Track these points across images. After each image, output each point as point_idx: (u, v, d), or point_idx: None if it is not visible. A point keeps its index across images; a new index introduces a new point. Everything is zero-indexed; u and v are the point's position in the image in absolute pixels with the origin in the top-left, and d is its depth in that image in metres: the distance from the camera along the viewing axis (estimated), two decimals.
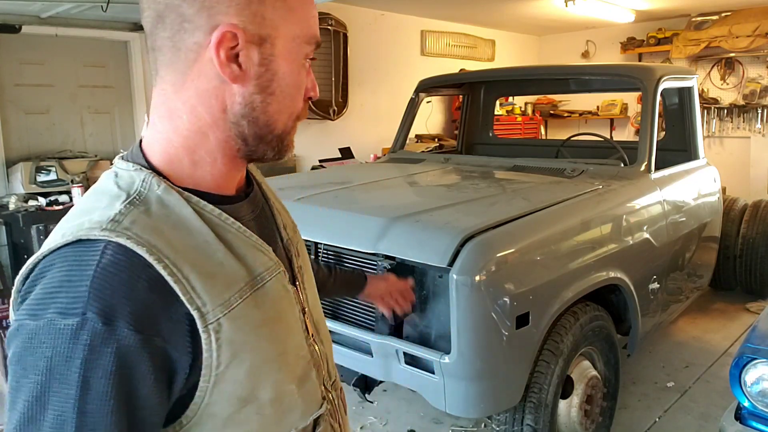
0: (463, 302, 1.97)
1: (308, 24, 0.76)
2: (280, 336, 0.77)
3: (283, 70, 0.74)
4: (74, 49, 4.58)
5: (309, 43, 0.76)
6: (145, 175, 0.71)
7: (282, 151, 0.80)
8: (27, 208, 3.88)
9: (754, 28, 6.45)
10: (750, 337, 2.00)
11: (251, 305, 0.72)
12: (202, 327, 0.66)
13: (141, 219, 0.67)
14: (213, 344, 0.67)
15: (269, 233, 0.85)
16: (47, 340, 0.60)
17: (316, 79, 0.80)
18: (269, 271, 0.76)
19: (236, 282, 0.71)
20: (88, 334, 0.60)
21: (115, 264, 0.63)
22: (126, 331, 0.61)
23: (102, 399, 0.60)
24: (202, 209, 0.72)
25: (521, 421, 2.23)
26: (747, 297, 4.36)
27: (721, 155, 6.97)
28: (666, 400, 3.12)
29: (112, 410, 0.61)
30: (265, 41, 0.71)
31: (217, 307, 0.67)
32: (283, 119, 0.77)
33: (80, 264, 0.63)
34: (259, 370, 0.72)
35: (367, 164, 4.88)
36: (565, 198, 2.52)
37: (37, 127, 4.48)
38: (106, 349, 0.60)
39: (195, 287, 0.66)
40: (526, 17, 6.99)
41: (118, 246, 0.63)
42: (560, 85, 4.44)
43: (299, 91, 0.77)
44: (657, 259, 2.89)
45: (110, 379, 0.60)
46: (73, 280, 0.62)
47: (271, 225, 0.88)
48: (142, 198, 0.69)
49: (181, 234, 0.68)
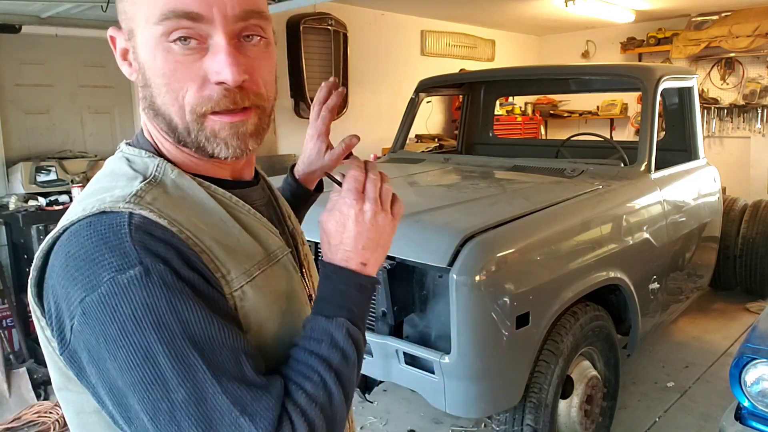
0: (463, 302, 1.97)
1: (155, 2, 0.66)
2: (297, 312, 0.79)
3: (145, 58, 0.69)
4: (74, 49, 4.58)
5: (161, 21, 0.66)
6: (159, 161, 0.73)
7: (201, 148, 0.72)
8: (27, 208, 3.87)
9: (754, 28, 6.44)
10: (750, 337, 2.00)
11: (271, 277, 0.75)
12: (227, 293, 0.69)
13: (161, 197, 0.69)
14: (240, 311, 0.70)
15: (276, 221, 0.87)
16: (119, 300, 0.60)
17: (317, 78, 0.77)
18: (281, 249, 0.80)
19: (254, 255, 0.74)
20: (157, 275, 0.61)
21: (143, 225, 0.64)
22: (184, 269, 0.63)
23: (205, 321, 0.62)
24: (214, 192, 0.75)
25: (521, 421, 2.23)
26: (747, 297, 4.36)
27: (721, 155, 6.97)
28: (666, 400, 3.12)
29: (220, 326, 0.63)
30: (132, 35, 0.70)
31: (241, 275, 0.70)
32: (174, 111, 0.70)
33: (112, 228, 0.63)
34: (280, 342, 0.75)
35: None
36: (565, 198, 2.52)
37: (37, 127, 4.47)
38: (179, 283, 0.62)
39: (218, 256, 0.69)
40: (526, 17, 6.98)
41: (141, 215, 0.65)
42: (560, 85, 4.44)
43: (171, 79, 0.68)
44: (657, 259, 2.88)
45: (197, 304, 0.62)
46: (111, 241, 0.62)
47: (278, 213, 0.90)
48: (158, 181, 0.71)
49: (199, 212, 0.71)
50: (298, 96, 5.76)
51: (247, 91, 0.71)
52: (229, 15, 0.67)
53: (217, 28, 0.67)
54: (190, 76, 0.68)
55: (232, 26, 0.68)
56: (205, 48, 0.68)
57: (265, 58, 0.73)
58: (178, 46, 0.67)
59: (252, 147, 0.74)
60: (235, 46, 0.69)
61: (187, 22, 0.66)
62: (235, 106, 0.70)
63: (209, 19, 0.67)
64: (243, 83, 0.69)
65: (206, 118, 0.70)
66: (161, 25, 0.66)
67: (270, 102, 0.76)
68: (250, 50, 0.71)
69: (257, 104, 0.73)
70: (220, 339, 0.62)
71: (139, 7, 0.68)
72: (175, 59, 0.68)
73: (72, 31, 4.47)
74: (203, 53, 0.68)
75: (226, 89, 0.69)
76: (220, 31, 0.67)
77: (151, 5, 0.66)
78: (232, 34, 0.68)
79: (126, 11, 0.70)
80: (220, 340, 0.62)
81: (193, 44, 0.67)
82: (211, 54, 0.68)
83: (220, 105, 0.69)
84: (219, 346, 0.62)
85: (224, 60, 0.67)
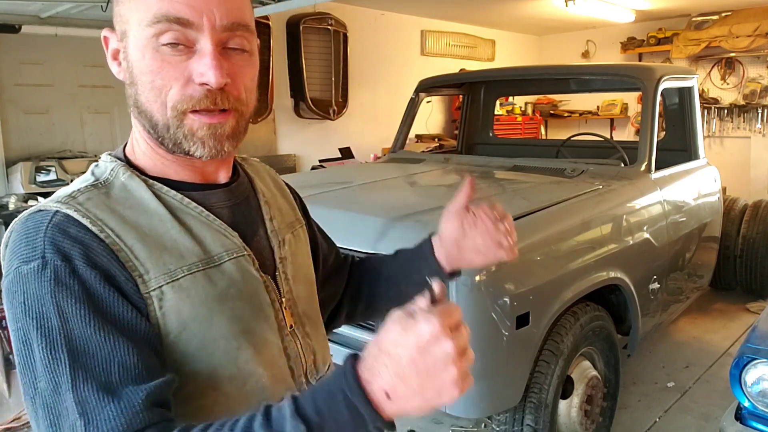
0: (463, 302, 1.97)
1: (149, 5, 0.71)
2: (242, 315, 0.78)
3: (134, 57, 0.74)
4: (74, 49, 4.58)
5: (153, 24, 0.71)
6: (115, 165, 0.79)
7: (178, 144, 0.75)
8: (27, 208, 3.88)
9: (755, 28, 6.44)
10: (750, 337, 2.00)
11: (203, 280, 0.75)
12: (144, 292, 0.71)
13: (97, 198, 0.74)
14: (157, 311, 0.71)
15: (247, 222, 0.87)
16: (18, 287, 0.67)
17: (317, 78, 0.78)
18: (229, 252, 0.80)
19: (188, 257, 0.75)
20: (51, 271, 0.66)
21: (62, 223, 0.70)
22: (83, 267, 0.68)
23: (84, 321, 0.65)
24: (164, 194, 0.78)
25: (521, 421, 2.23)
26: (747, 297, 4.36)
27: (722, 155, 6.96)
28: (666, 400, 3.12)
29: (99, 328, 0.66)
30: (125, 36, 0.75)
31: (161, 275, 0.72)
32: (156, 108, 0.74)
33: (36, 224, 0.71)
34: (214, 345, 0.75)
35: (367, 164, 4.88)
36: (565, 198, 2.52)
37: (37, 127, 4.47)
38: (71, 280, 0.66)
39: (138, 256, 0.72)
40: (526, 17, 6.98)
41: (65, 214, 0.71)
42: (560, 85, 4.44)
43: (157, 77, 0.72)
44: (657, 259, 2.88)
45: (83, 303, 0.66)
46: (30, 236, 0.70)
47: (252, 214, 0.89)
48: (107, 183, 0.77)
49: (136, 213, 0.75)
50: (298, 96, 5.77)
51: (228, 94, 0.74)
52: (217, 25, 0.72)
53: (205, 35, 0.72)
54: (175, 75, 0.72)
55: (219, 35, 0.73)
56: (192, 51, 0.72)
57: (248, 67, 0.78)
58: (167, 47, 0.72)
59: (228, 149, 0.77)
60: (220, 52, 0.73)
61: (177, 26, 0.71)
62: (214, 107, 0.74)
63: (198, 26, 0.71)
64: (225, 86, 0.73)
65: (186, 116, 0.74)
66: (153, 27, 0.71)
67: (249, 108, 0.79)
68: (234, 58, 0.75)
69: (236, 108, 0.76)
70: (95, 340, 0.65)
71: (134, 11, 0.73)
72: (163, 58, 0.72)
73: (72, 31, 4.47)
74: (190, 55, 0.72)
75: (208, 90, 0.72)
76: (208, 38, 0.72)
77: (145, 9, 0.71)
78: (218, 42, 0.73)
79: (121, 14, 0.75)
80: (96, 342, 0.65)
81: (181, 47, 0.72)
82: (197, 57, 0.72)
83: (200, 104, 0.73)
84: (92, 347, 0.65)
85: (209, 63, 0.71)
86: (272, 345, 0.83)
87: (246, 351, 0.78)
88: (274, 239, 0.90)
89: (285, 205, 0.98)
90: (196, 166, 0.81)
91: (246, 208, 0.88)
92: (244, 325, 0.78)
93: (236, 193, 0.87)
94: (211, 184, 0.84)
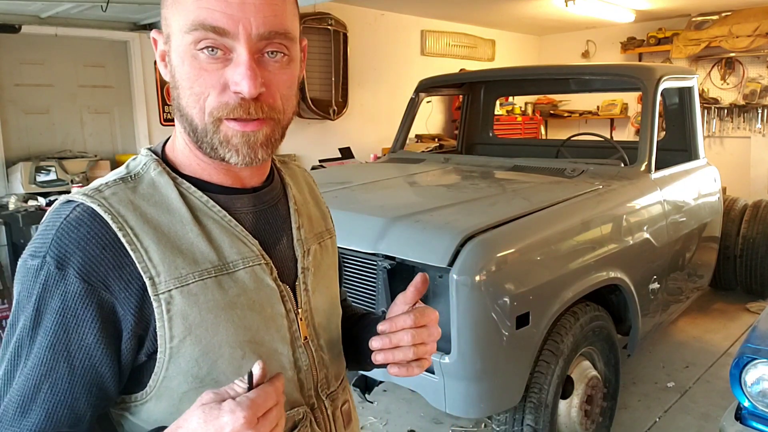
0: (463, 302, 1.97)
1: (188, 12, 0.72)
2: (250, 325, 0.78)
3: (175, 63, 0.75)
4: (74, 49, 4.58)
5: (191, 31, 0.71)
6: (148, 159, 0.80)
7: (214, 150, 0.76)
8: (27, 208, 3.87)
9: (755, 28, 6.44)
10: (750, 337, 2.00)
11: (213, 287, 0.75)
12: (152, 294, 0.71)
13: (123, 194, 0.75)
14: (164, 315, 0.72)
15: (271, 229, 0.86)
16: (20, 277, 0.72)
17: (317, 78, 0.77)
18: (245, 260, 0.79)
19: (201, 263, 0.75)
20: (44, 275, 0.69)
21: (78, 219, 0.71)
22: (73, 278, 0.69)
23: (45, 332, 0.69)
24: (190, 194, 0.78)
25: (521, 421, 2.23)
26: (747, 297, 4.36)
27: (722, 155, 6.97)
28: (666, 400, 3.12)
29: (49, 345, 0.69)
30: (169, 39, 0.76)
31: (171, 279, 0.72)
32: (195, 113, 0.74)
33: (56, 217, 0.73)
34: (218, 352, 0.75)
35: (367, 164, 4.88)
36: (565, 198, 2.52)
37: (37, 127, 4.48)
38: (56, 290, 0.69)
39: (152, 257, 0.72)
40: (526, 17, 6.98)
41: (86, 207, 0.72)
42: (560, 85, 4.44)
43: (195, 83, 0.73)
44: (657, 259, 2.88)
45: (55, 316, 0.69)
46: (48, 227, 0.72)
47: (278, 222, 0.87)
48: (137, 177, 0.78)
49: (159, 211, 0.76)
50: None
51: (263, 103, 0.74)
52: (253, 34, 0.72)
53: (240, 43, 0.72)
54: (212, 82, 0.73)
55: (255, 44, 0.73)
56: (229, 59, 0.73)
57: (285, 74, 0.77)
58: (205, 54, 0.72)
59: (261, 156, 0.77)
60: (256, 60, 0.73)
61: (213, 35, 0.71)
62: (248, 116, 0.74)
63: (234, 35, 0.71)
64: (259, 95, 0.73)
65: (222, 123, 0.74)
66: (191, 34, 0.72)
67: (286, 115, 0.79)
68: (271, 65, 0.75)
69: (271, 116, 0.76)
70: (44, 356, 0.69)
71: (176, 16, 0.74)
72: (201, 66, 0.73)
73: (72, 31, 4.47)
74: (227, 63, 0.73)
75: (242, 99, 0.73)
76: (243, 47, 0.72)
77: (184, 16, 0.72)
78: (254, 50, 0.73)
79: (166, 17, 0.76)
80: (44, 357, 0.69)
81: (218, 54, 0.72)
82: (233, 65, 0.72)
83: (234, 113, 0.73)
84: (39, 360, 0.69)
85: (243, 72, 0.71)
86: (281, 356, 0.82)
87: (251, 360, 0.76)
88: (299, 248, 0.88)
89: (316, 214, 0.96)
90: (231, 171, 0.81)
91: (272, 214, 0.87)
92: (252, 335, 0.78)
93: (264, 199, 0.86)
94: (239, 188, 0.83)
